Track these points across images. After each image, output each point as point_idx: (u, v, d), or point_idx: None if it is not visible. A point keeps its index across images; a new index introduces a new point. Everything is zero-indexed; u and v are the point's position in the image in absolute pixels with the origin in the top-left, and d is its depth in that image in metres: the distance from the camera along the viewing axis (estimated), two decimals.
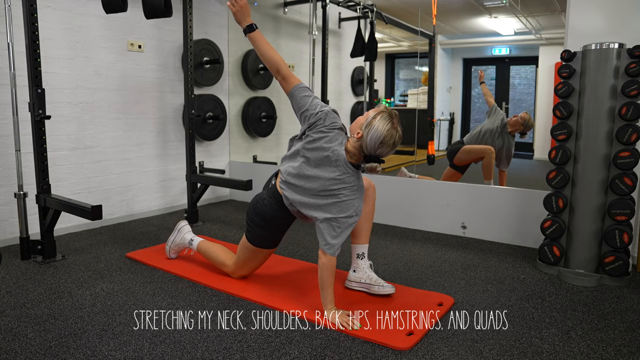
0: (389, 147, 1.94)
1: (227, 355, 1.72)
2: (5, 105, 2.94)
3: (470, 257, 2.91)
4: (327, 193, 1.98)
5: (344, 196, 1.97)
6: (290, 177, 2.05)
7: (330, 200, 1.98)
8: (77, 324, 1.95)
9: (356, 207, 1.99)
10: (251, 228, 2.23)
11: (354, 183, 1.99)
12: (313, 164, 2.00)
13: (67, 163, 3.33)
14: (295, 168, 2.05)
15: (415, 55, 4.68)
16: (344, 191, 1.97)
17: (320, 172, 1.99)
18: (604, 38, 2.64)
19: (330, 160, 1.97)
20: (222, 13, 4.36)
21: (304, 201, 2.02)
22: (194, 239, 2.64)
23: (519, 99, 4.72)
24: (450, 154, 4.06)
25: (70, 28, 3.26)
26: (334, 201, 1.98)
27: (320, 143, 1.99)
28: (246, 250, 2.30)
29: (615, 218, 2.42)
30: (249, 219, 2.23)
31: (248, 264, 2.36)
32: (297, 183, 2.03)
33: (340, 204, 1.97)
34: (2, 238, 3.03)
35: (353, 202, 1.98)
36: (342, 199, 1.97)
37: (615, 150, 2.43)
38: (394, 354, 1.74)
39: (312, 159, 2.00)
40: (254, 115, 4.61)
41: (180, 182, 4.12)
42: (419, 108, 4.67)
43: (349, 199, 1.98)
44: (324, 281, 1.98)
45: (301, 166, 2.03)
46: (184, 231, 2.71)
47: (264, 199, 2.18)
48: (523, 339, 1.87)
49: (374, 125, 1.92)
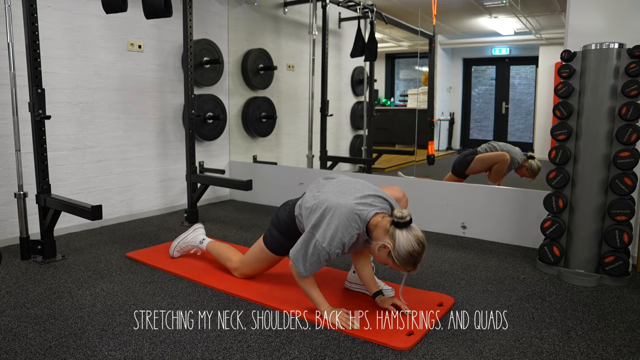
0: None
1: (227, 355, 1.72)
2: (5, 105, 2.95)
3: (470, 257, 2.91)
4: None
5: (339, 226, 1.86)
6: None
7: (327, 216, 1.89)
8: (77, 324, 1.95)
9: (335, 246, 1.85)
10: (272, 232, 2.26)
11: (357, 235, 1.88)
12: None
13: (67, 163, 3.33)
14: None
15: (415, 55, 4.69)
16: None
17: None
18: (604, 38, 2.64)
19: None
20: (222, 13, 4.36)
21: (309, 203, 2.01)
22: (205, 239, 2.67)
23: (519, 99, 4.72)
24: (462, 165, 3.93)
25: (70, 28, 3.26)
26: (329, 218, 1.88)
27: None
28: (259, 253, 2.32)
29: (615, 218, 2.42)
30: (274, 224, 2.25)
31: (255, 266, 2.37)
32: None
33: (329, 227, 1.87)
34: (2, 238, 3.03)
35: (339, 239, 1.85)
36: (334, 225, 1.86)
37: (615, 150, 2.43)
38: (394, 354, 1.74)
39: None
40: (254, 115, 4.61)
41: (180, 182, 4.12)
42: (419, 108, 4.67)
43: (340, 232, 1.85)
44: (304, 288, 1.99)
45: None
46: (199, 232, 2.75)
47: (288, 204, 2.22)
48: (523, 339, 1.87)
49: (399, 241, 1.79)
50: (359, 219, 1.86)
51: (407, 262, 1.79)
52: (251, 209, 4.19)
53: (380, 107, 5.32)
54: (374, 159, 5.17)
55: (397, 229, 1.79)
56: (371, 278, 2.15)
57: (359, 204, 1.89)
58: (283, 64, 4.89)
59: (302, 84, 4.93)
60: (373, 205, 1.91)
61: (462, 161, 3.96)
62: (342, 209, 1.87)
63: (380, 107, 5.34)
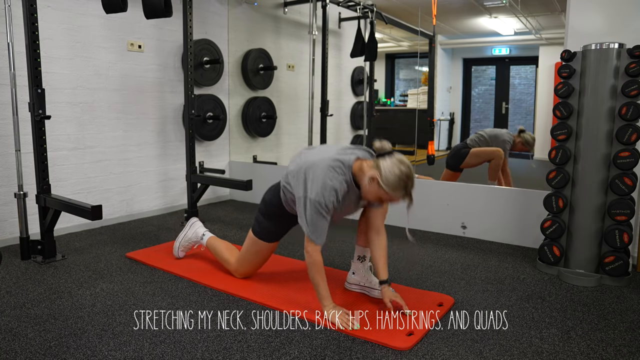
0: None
1: (227, 355, 1.72)
2: (5, 105, 2.95)
3: (470, 257, 2.91)
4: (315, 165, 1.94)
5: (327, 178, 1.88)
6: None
7: (310, 173, 1.91)
8: (77, 324, 1.95)
9: (328, 194, 1.86)
10: (259, 219, 2.27)
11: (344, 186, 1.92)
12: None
13: (67, 163, 3.33)
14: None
15: (415, 55, 4.69)
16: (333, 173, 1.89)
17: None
18: (604, 38, 2.64)
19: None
20: (222, 13, 4.36)
21: (292, 168, 2.04)
22: (205, 233, 2.65)
23: (519, 99, 4.72)
24: (456, 159, 3.97)
25: (70, 28, 3.26)
26: (312, 173, 1.90)
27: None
28: (251, 246, 2.32)
29: (615, 218, 2.42)
30: (260, 209, 2.27)
31: (250, 260, 2.35)
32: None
33: (315, 180, 1.88)
34: (2, 238, 3.03)
35: (330, 186, 1.87)
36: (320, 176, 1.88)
37: (615, 150, 2.43)
38: (394, 354, 1.74)
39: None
40: (254, 115, 4.61)
41: (180, 182, 4.12)
42: (419, 108, 4.67)
43: (327, 180, 1.87)
44: (313, 278, 1.97)
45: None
46: (197, 226, 2.73)
47: (272, 186, 2.25)
48: (523, 339, 1.87)
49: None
50: (342, 165, 1.92)
51: (397, 186, 1.82)
52: (251, 209, 4.19)
53: (380, 107, 5.32)
54: None
55: (380, 158, 1.85)
56: (384, 262, 2.11)
57: (339, 154, 1.95)
58: (283, 64, 4.89)
59: (302, 84, 4.93)
60: (353, 153, 1.97)
61: (456, 155, 3.98)
62: (323, 162, 1.92)
63: (380, 107, 5.34)
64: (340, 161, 1.93)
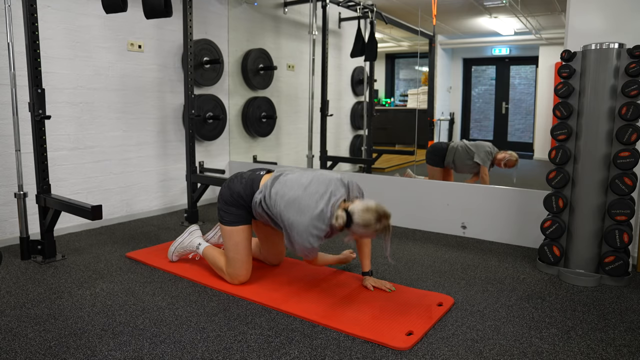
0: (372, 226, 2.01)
1: (227, 355, 1.72)
2: (5, 105, 2.95)
3: (470, 257, 2.91)
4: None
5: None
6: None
7: (293, 231, 2.07)
8: (77, 324, 1.95)
9: (313, 239, 2.05)
10: (225, 209, 2.32)
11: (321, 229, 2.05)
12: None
13: (67, 163, 3.33)
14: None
15: (415, 55, 4.68)
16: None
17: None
18: (604, 38, 2.64)
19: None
20: (222, 13, 4.36)
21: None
22: (201, 243, 2.62)
23: (519, 99, 4.72)
24: (439, 155, 3.98)
25: (70, 28, 3.26)
26: (295, 230, 2.06)
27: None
28: (229, 239, 2.33)
29: (615, 218, 2.42)
30: (226, 200, 2.33)
31: (234, 257, 2.31)
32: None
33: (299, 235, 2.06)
34: (2, 238, 3.03)
35: (314, 235, 2.05)
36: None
37: (615, 150, 2.43)
38: (393, 354, 1.74)
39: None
40: (254, 115, 4.61)
41: (180, 182, 4.12)
42: (419, 108, 4.67)
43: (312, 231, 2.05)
44: (321, 262, 2.38)
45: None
46: (195, 235, 2.70)
47: (243, 178, 2.35)
48: (523, 339, 1.87)
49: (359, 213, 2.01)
50: (323, 223, 2.04)
51: (369, 230, 2.00)
52: None
53: (380, 107, 5.32)
54: (374, 159, 5.17)
55: (350, 205, 2.05)
56: (367, 258, 2.39)
57: (317, 213, 2.03)
58: (283, 64, 4.89)
59: (302, 84, 4.93)
60: (330, 201, 2.05)
61: (437, 150, 4.01)
62: (301, 225, 2.04)
63: (380, 107, 5.34)
64: (320, 219, 2.03)
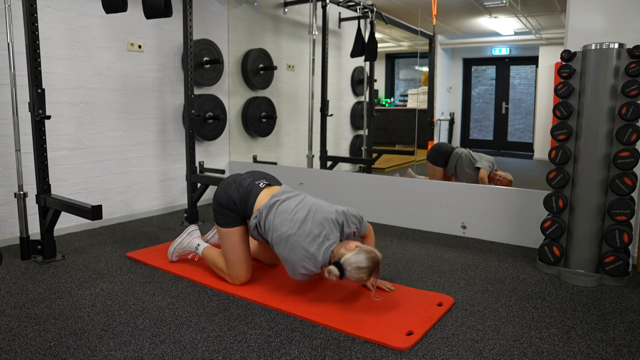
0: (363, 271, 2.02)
1: (227, 355, 1.72)
2: (5, 105, 2.95)
3: (470, 257, 2.91)
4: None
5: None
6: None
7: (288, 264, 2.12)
8: (77, 324, 1.95)
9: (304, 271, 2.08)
10: (221, 212, 2.31)
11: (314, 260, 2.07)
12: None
13: (67, 163, 3.33)
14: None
15: (415, 55, 4.68)
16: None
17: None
18: (604, 38, 2.64)
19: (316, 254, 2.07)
20: (222, 13, 4.36)
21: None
22: (200, 244, 2.62)
23: (519, 99, 4.72)
24: (444, 157, 3.99)
25: (70, 28, 3.26)
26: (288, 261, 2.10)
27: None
28: (226, 240, 2.32)
29: (615, 218, 2.42)
30: (221, 203, 2.31)
31: (233, 258, 2.31)
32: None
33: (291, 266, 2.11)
34: (2, 238, 3.03)
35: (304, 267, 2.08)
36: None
37: (615, 150, 2.43)
38: (393, 354, 1.74)
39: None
40: (254, 115, 4.61)
41: (180, 182, 4.12)
42: (419, 108, 4.67)
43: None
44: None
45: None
46: (194, 235, 2.70)
47: (242, 186, 2.32)
48: (523, 339, 1.87)
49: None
50: (314, 262, 2.07)
51: (360, 279, 2.02)
52: None
53: (380, 107, 5.32)
54: (374, 159, 5.17)
55: (342, 256, 2.03)
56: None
57: (311, 251, 2.06)
58: (283, 64, 4.89)
59: (302, 84, 4.93)
60: (324, 245, 2.07)
61: (442, 151, 4.00)
62: (293, 262, 2.09)
63: (380, 107, 5.34)
64: (311, 262, 2.06)
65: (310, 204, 2.17)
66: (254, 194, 2.26)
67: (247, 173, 2.43)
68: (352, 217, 2.16)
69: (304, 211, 2.12)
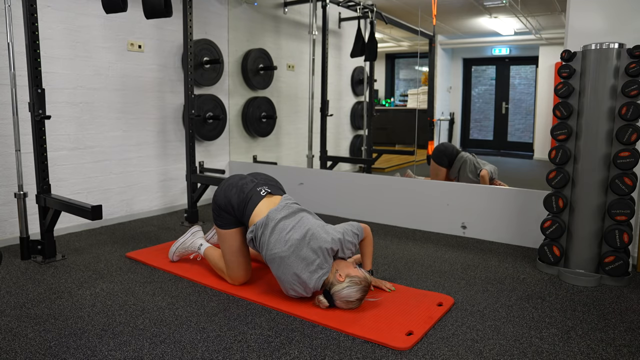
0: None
1: (227, 355, 1.72)
2: (5, 105, 2.95)
3: (470, 257, 2.91)
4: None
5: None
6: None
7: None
8: (77, 324, 1.95)
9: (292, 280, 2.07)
10: (219, 215, 2.30)
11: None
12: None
13: (67, 163, 3.33)
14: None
15: (415, 55, 4.68)
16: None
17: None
18: (604, 38, 2.64)
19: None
20: (222, 13, 4.36)
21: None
22: (203, 244, 2.62)
23: (519, 99, 4.72)
24: (450, 158, 3.99)
25: (70, 28, 3.26)
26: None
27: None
28: (225, 242, 2.32)
29: (615, 218, 2.42)
30: (220, 205, 2.30)
31: (232, 259, 2.32)
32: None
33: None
34: (2, 238, 3.03)
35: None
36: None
37: (615, 150, 2.43)
38: (393, 354, 1.74)
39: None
40: (254, 115, 4.61)
41: (180, 182, 4.12)
42: (419, 108, 4.67)
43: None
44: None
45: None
46: (197, 236, 2.70)
47: (243, 192, 2.30)
48: (523, 339, 1.87)
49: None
50: (304, 290, 2.09)
51: (352, 306, 2.07)
52: None
53: (380, 107, 5.32)
54: (374, 159, 5.17)
55: (332, 287, 2.06)
56: (369, 257, 2.30)
57: (306, 272, 2.06)
58: (283, 64, 4.89)
59: (302, 84, 4.93)
60: (318, 272, 2.06)
61: (448, 153, 4.01)
62: (283, 282, 2.11)
63: (380, 107, 5.34)
64: (302, 286, 2.08)
65: (307, 227, 2.10)
66: (254, 202, 2.22)
67: (251, 175, 2.40)
68: (349, 243, 2.10)
69: (299, 233, 2.08)
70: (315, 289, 2.06)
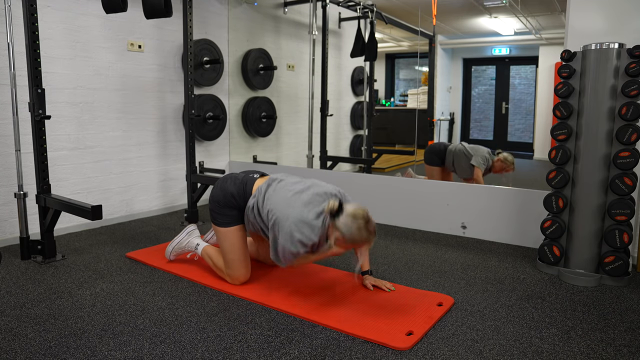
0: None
1: (227, 355, 1.72)
2: (5, 105, 2.95)
3: (470, 257, 2.91)
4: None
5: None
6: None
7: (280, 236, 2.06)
8: (77, 324, 1.95)
9: (298, 246, 2.03)
10: (219, 211, 2.31)
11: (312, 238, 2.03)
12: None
13: (67, 163, 3.33)
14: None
15: (415, 55, 4.68)
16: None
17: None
18: (604, 38, 2.64)
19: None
20: (222, 13, 4.36)
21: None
22: (200, 244, 2.62)
23: (519, 99, 4.72)
24: (439, 156, 4.00)
25: (70, 28, 3.26)
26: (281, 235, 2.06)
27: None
28: (225, 241, 2.32)
29: (615, 218, 2.42)
30: (219, 201, 2.31)
31: (232, 258, 2.31)
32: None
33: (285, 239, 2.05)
34: (2, 238, 3.03)
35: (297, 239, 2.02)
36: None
37: (615, 150, 2.43)
38: (393, 354, 1.74)
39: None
40: (254, 115, 4.61)
41: (180, 182, 4.12)
42: (419, 108, 4.67)
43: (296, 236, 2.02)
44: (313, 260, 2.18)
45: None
46: (193, 235, 2.69)
47: (238, 179, 2.34)
48: (523, 339, 1.87)
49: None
50: (312, 232, 2.02)
51: (360, 237, 1.96)
52: None
53: (380, 107, 5.32)
54: (374, 159, 5.17)
55: (335, 219, 1.98)
56: (366, 258, 2.33)
57: (308, 215, 2.05)
58: (283, 64, 4.89)
59: (302, 84, 4.93)
60: (318, 225, 2.03)
61: (436, 151, 4.01)
62: (288, 222, 2.04)
63: (380, 107, 5.34)
64: (309, 227, 2.02)
65: (311, 182, 2.22)
66: (250, 182, 2.32)
67: (242, 172, 2.47)
68: (349, 197, 2.20)
69: (304, 185, 2.17)
70: (322, 232, 2.04)
